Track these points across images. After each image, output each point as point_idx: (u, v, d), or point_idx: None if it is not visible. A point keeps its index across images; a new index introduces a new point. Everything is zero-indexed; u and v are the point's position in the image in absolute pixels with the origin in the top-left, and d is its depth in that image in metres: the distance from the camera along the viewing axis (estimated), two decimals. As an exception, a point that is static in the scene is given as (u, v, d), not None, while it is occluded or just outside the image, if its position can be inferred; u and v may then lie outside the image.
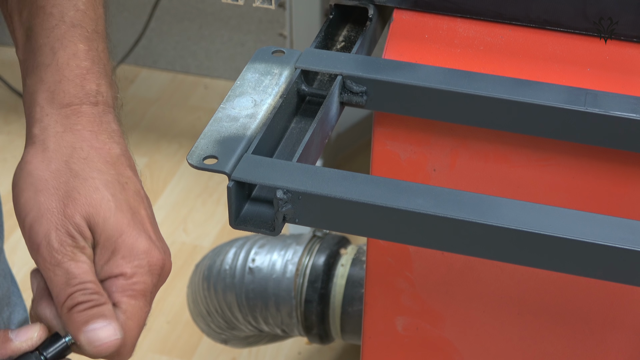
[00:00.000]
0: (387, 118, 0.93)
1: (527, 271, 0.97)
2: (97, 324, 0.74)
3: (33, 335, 0.75)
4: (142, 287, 0.76)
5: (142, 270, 0.76)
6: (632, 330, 0.98)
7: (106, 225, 0.75)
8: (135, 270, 0.75)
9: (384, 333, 1.05)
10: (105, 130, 0.79)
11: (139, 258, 0.76)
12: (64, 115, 0.78)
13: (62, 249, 0.74)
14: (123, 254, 0.75)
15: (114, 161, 0.79)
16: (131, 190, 0.78)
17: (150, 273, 0.76)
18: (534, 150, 0.92)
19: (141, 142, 2.46)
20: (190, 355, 1.95)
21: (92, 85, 0.80)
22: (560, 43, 0.93)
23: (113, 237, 0.75)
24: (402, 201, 0.77)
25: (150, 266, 0.76)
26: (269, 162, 0.81)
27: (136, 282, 0.76)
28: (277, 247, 1.65)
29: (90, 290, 0.74)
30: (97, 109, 0.79)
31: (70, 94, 0.79)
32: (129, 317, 0.76)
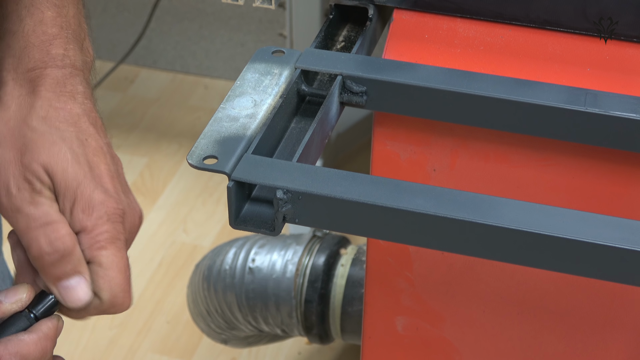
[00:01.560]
0: (387, 118, 0.93)
1: (527, 271, 0.97)
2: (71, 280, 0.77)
3: (22, 296, 0.76)
4: (107, 236, 0.77)
5: (102, 221, 0.77)
6: (632, 330, 0.98)
7: (65, 175, 0.76)
8: (95, 222, 0.77)
9: (384, 333, 1.05)
10: (69, 91, 0.80)
11: (97, 209, 0.77)
12: (28, 79, 0.79)
13: (20, 194, 0.76)
14: (82, 206, 0.77)
15: (74, 120, 0.79)
16: (92, 146, 0.79)
17: (111, 221, 0.77)
18: (534, 150, 0.92)
19: (141, 142, 2.46)
20: (190, 355, 1.95)
21: (58, 50, 0.81)
22: (560, 43, 0.93)
23: (72, 186, 0.77)
24: (402, 201, 0.77)
25: (109, 215, 0.77)
26: (269, 162, 0.81)
27: (99, 232, 0.77)
28: (277, 247, 1.65)
29: (65, 250, 0.76)
30: (63, 72, 0.80)
31: (35, 59, 0.80)
32: (106, 268, 0.77)
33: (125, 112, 2.56)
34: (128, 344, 1.97)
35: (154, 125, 2.52)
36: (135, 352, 1.96)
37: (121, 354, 1.95)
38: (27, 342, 0.75)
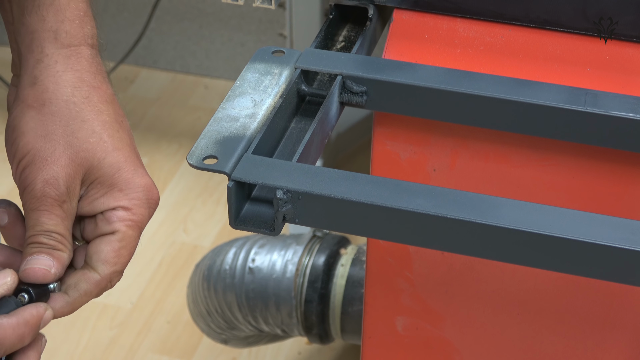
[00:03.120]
0: (387, 118, 0.93)
1: (527, 271, 0.97)
2: (39, 256, 0.76)
3: (7, 280, 0.76)
4: (139, 218, 0.78)
5: (140, 203, 0.78)
6: (632, 330, 0.98)
7: (102, 165, 0.77)
8: (134, 203, 0.78)
9: (384, 333, 1.05)
10: (101, 71, 0.81)
11: (137, 191, 0.78)
12: (64, 56, 0.79)
13: (42, 199, 0.76)
14: (120, 187, 0.77)
15: (111, 100, 0.80)
16: (126, 128, 0.80)
17: (148, 206, 0.79)
18: (534, 150, 0.92)
19: (141, 142, 2.46)
20: (190, 355, 1.95)
21: (88, 27, 0.81)
22: (560, 43, 0.93)
23: (109, 174, 0.77)
24: (402, 201, 0.77)
25: (149, 200, 0.78)
26: (269, 162, 0.81)
27: (135, 213, 0.78)
28: (277, 247, 1.65)
29: (54, 238, 0.77)
30: (93, 51, 0.81)
31: (71, 35, 0.80)
32: (123, 246, 0.78)
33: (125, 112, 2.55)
34: (128, 344, 1.97)
35: (154, 125, 2.52)
36: (135, 352, 1.96)
37: (121, 354, 1.95)
38: (4, 325, 0.73)
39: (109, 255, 0.77)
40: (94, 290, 0.78)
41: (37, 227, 0.77)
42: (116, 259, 0.78)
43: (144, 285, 2.09)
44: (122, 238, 0.78)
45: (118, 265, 0.78)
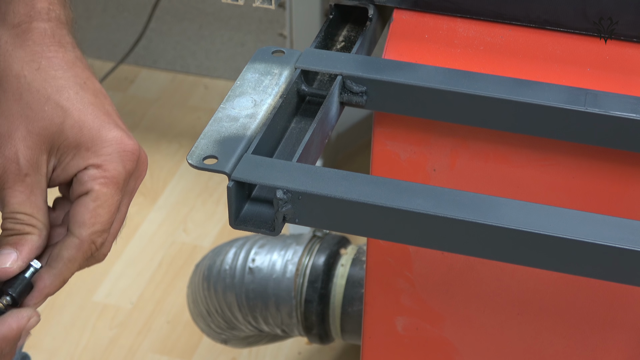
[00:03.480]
0: (387, 118, 0.93)
1: (527, 271, 0.97)
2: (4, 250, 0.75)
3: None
4: (113, 174, 0.76)
5: (111, 157, 0.76)
6: (632, 330, 0.98)
7: (63, 129, 0.75)
8: (104, 159, 0.75)
9: (384, 333, 1.05)
10: (58, 42, 0.79)
11: (106, 146, 0.76)
12: (13, 35, 0.78)
13: (3, 177, 0.75)
14: (87, 146, 0.75)
15: (70, 65, 0.78)
16: (91, 88, 0.78)
17: (122, 159, 0.76)
18: (534, 150, 0.92)
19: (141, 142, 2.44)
20: (190, 355, 1.95)
21: (43, 4, 0.79)
22: (560, 43, 0.93)
23: (73, 136, 0.75)
24: (402, 201, 0.77)
25: (121, 153, 0.76)
26: (269, 162, 0.81)
27: (107, 169, 0.75)
28: (277, 247, 1.65)
29: (18, 220, 0.75)
30: (50, 24, 0.79)
31: (20, 14, 0.78)
32: (99, 205, 0.75)
33: (125, 112, 2.56)
34: (128, 344, 1.97)
35: (154, 125, 2.52)
36: (135, 352, 1.96)
37: (121, 354, 1.95)
38: None
39: (85, 216, 0.75)
40: (77, 255, 0.76)
41: (2, 209, 0.75)
42: (93, 219, 0.75)
43: (144, 285, 2.09)
44: (96, 197, 0.75)
45: (97, 225, 0.75)
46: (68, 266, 0.76)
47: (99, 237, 0.76)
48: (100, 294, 2.07)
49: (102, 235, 0.76)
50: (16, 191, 0.75)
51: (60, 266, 0.76)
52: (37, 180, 0.76)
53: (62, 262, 0.76)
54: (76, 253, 0.76)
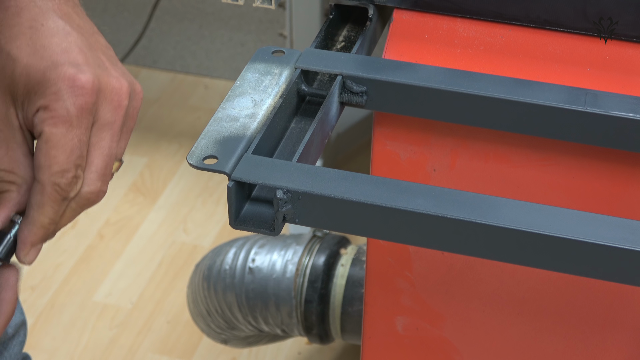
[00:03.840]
0: (387, 118, 0.93)
1: (527, 271, 0.97)
2: None
3: None
4: (61, 112, 0.74)
5: (57, 96, 0.74)
6: (632, 330, 0.98)
7: (14, 78, 0.74)
8: (50, 99, 0.74)
9: (384, 333, 1.05)
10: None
11: (51, 85, 0.74)
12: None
13: None
14: (35, 90, 0.74)
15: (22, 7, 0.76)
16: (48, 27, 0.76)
17: (71, 97, 0.74)
18: (534, 150, 0.92)
19: (141, 142, 2.46)
20: (190, 355, 1.95)
21: None
22: (560, 43, 0.93)
23: (22, 84, 0.75)
24: (402, 201, 0.77)
25: (69, 90, 0.74)
26: (269, 162, 0.81)
27: (53, 108, 0.74)
28: (277, 247, 1.65)
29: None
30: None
31: None
32: (51, 146, 0.74)
33: (125, 112, 2.55)
34: (128, 344, 1.97)
35: (154, 125, 2.52)
36: (135, 352, 1.96)
37: (121, 354, 1.95)
38: None
39: (40, 159, 0.74)
40: (44, 200, 0.75)
41: None
42: (48, 161, 0.74)
43: (144, 285, 2.09)
44: (47, 138, 0.74)
45: (54, 167, 0.74)
46: (40, 212, 0.75)
47: (61, 177, 0.74)
48: (100, 294, 2.07)
49: (64, 175, 0.74)
50: None
51: (32, 213, 0.75)
52: (10, 135, 0.75)
53: (32, 209, 0.75)
54: (42, 198, 0.75)
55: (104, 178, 0.77)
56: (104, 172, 0.77)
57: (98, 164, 0.77)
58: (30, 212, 0.75)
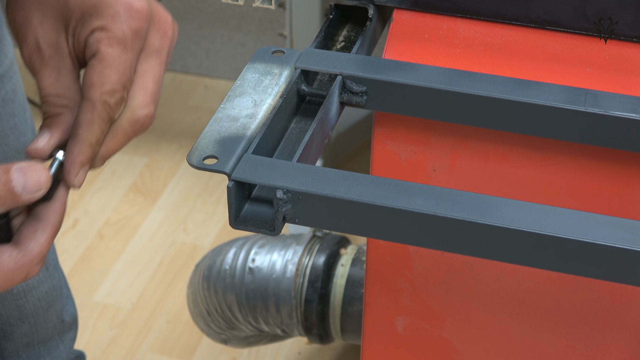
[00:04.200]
0: (387, 118, 0.93)
1: (527, 271, 0.97)
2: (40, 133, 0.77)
3: (41, 187, 0.74)
4: (118, 34, 0.75)
5: (114, 19, 0.75)
6: (632, 330, 0.98)
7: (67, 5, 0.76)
8: (108, 20, 0.75)
9: (384, 333, 1.05)
10: None
11: (109, 7, 0.76)
12: None
13: (32, 65, 0.77)
14: (90, 13, 0.76)
15: None
16: None
17: (127, 20, 0.76)
18: (534, 150, 0.92)
19: (141, 142, 2.46)
20: (190, 355, 1.95)
21: None
22: (560, 43, 0.93)
23: (76, 7, 0.76)
24: (402, 201, 0.77)
25: (126, 13, 0.76)
26: (269, 162, 0.81)
27: (111, 29, 0.75)
28: (277, 247, 1.65)
29: (50, 103, 0.77)
30: None
31: None
32: (105, 66, 0.75)
33: (125, 112, 2.55)
34: (128, 344, 1.97)
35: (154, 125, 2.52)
36: (135, 352, 1.96)
37: (121, 354, 1.95)
38: None
39: (93, 78, 0.75)
40: (93, 117, 0.76)
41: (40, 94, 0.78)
42: (101, 80, 0.75)
43: (144, 285, 2.09)
44: (102, 58, 0.75)
45: (106, 85, 0.75)
46: (88, 130, 0.76)
47: (111, 97, 0.76)
48: (100, 293, 2.07)
49: (113, 95, 0.76)
50: (44, 75, 0.77)
51: (81, 132, 0.76)
52: (61, 61, 0.77)
53: (81, 127, 0.76)
54: (91, 115, 0.76)
55: (155, 102, 0.78)
56: (156, 96, 0.78)
57: (152, 87, 0.78)
58: (78, 130, 0.76)
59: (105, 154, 0.78)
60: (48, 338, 1.38)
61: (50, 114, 0.78)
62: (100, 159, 0.78)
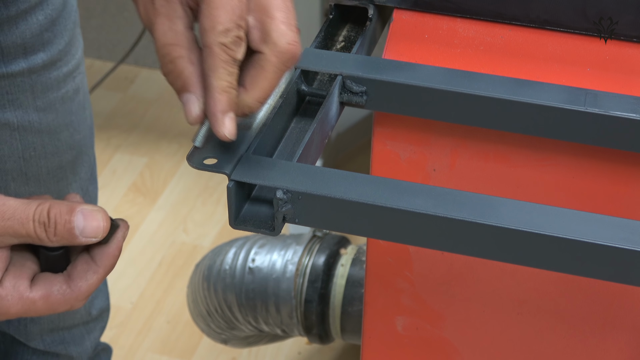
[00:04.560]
0: (387, 118, 0.93)
1: (527, 271, 0.97)
2: (182, 96, 0.77)
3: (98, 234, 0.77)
4: None
5: None
6: (632, 330, 0.98)
7: None
8: None
9: (384, 333, 1.05)
10: None
11: None
12: None
13: (146, 19, 0.80)
14: None
15: None
16: None
17: None
18: (534, 150, 0.92)
19: (141, 142, 2.46)
20: (190, 355, 1.95)
21: None
22: (560, 43, 0.93)
23: None
24: (402, 201, 0.77)
25: None
26: (269, 162, 0.81)
27: None
28: (277, 247, 1.65)
29: (168, 55, 0.77)
30: None
31: None
32: (213, 7, 0.75)
33: (125, 112, 2.56)
34: (128, 344, 1.97)
35: (154, 125, 2.52)
36: (135, 352, 1.96)
37: (121, 354, 1.95)
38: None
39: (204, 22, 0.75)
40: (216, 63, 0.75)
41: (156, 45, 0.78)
42: (211, 22, 0.74)
43: (144, 285, 2.09)
44: (208, 1, 0.75)
45: (218, 26, 0.74)
46: (214, 76, 0.76)
47: (225, 37, 0.75)
48: (100, 294, 2.07)
49: (227, 34, 0.75)
50: (157, 25, 0.78)
51: (209, 80, 0.76)
52: (171, 9, 0.77)
53: (208, 76, 0.76)
54: (213, 60, 0.75)
55: (292, 28, 0.77)
56: (289, 21, 0.77)
57: (279, 16, 0.77)
58: (207, 80, 0.76)
59: (259, 94, 0.78)
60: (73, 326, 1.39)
61: (175, 72, 0.77)
62: (254, 101, 0.77)
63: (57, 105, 1.21)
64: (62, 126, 1.23)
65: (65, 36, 1.19)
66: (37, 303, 0.77)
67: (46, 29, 1.15)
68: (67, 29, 1.19)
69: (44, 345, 1.38)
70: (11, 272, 0.77)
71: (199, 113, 0.77)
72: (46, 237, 0.76)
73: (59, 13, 1.16)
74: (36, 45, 1.15)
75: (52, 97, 1.20)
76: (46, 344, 1.38)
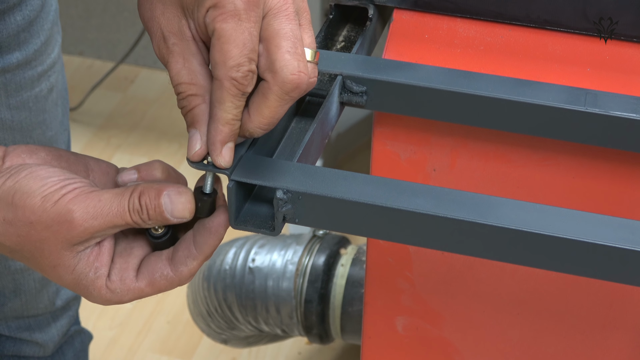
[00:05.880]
0: (387, 118, 0.93)
1: (527, 271, 0.97)
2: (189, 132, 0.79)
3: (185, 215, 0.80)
4: (229, 8, 0.75)
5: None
6: (632, 330, 0.98)
7: None
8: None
9: (384, 333, 1.05)
10: None
11: None
12: None
13: (161, 56, 0.81)
14: None
15: None
16: None
17: None
18: (534, 150, 0.92)
19: (141, 142, 2.46)
20: (190, 355, 1.95)
21: None
22: (560, 43, 0.93)
23: None
24: (402, 201, 0.77)
25: None
26: (269, 162, 0.81)
27: (221, 5, 0.75)
28: (277, 247, 1.65)
29: (182, 92, 0.79)
30: None
31: None
32: (223, 42, 0.76)
33: (125, 112, 2.56)
34: (128, 344, 1.97)
35: (154, 125, 2.52)
36: (135, 352, 1.96)
37: (121, 354, 1.95)
38: None
39: (215, 56, 0.76)
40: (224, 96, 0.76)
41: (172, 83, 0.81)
42: (222, 57, 0.75)
43: (144, 285, 2.09)
44: (219, 35, 0.76)
45: (229, 61, 0.76)
46: (221, 108, 0.77)
47: (237, 72, 0.76)
48: (100, 294, 2.06)
49: (239, 69, 0.76)
50: (172, 63, 0.79)
51: (214, 111, 0.77)
52: (185, 47, 0.79)
53: (214, 107, 0.77)
54: (221, 93, 0.77)
55: (298, 57, 0.77)
56: (295, 51, 0.77)
57: (285, 45, 0.77)
58: (212, 110, 0.78)
59: (261, 122, 0.78)
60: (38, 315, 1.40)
61: (186, 107, 0.79)
62: (255, 127, 0.79)
63: (30, 104, 1.20)
64: (34, 124, 1.23)
65: (42, 36, 1.18)
66: (145, 290, 0.81)
67: (23, 30, 1.14)
68: (44, 29, 1.18)
69: (9, 330, 1.39)
70: (117, 264, 0.81)
71: (199, 150, 0.79)
72: (143, 223, 0.79)
73: (37, 14, 1.16)
74: (12, 45, 1.14)
75: (26, 96, 1.19)
76: (11, 329, 1.39)
